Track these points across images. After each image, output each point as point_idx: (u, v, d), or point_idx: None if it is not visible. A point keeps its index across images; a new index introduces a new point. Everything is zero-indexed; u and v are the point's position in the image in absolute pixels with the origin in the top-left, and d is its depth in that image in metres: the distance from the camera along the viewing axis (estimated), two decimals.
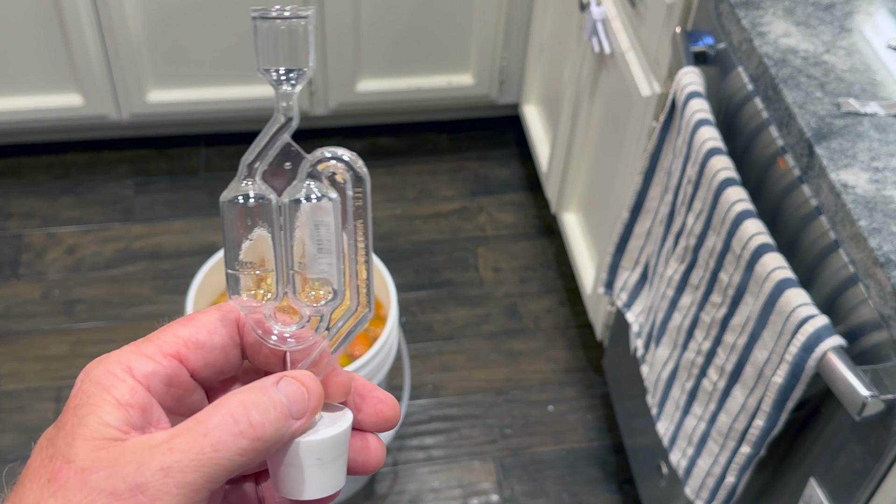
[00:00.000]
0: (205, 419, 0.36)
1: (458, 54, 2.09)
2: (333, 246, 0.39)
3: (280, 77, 0.39)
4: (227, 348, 0.40)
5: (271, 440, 0.37)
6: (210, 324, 0.40)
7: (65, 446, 0.36)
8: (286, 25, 0.38)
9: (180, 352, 0.39)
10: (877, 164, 0.97)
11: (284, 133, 0.39)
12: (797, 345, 0.93)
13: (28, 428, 1.72)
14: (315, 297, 0.40)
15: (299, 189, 0.39)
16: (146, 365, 0.38)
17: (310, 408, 0.39)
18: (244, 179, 0.39)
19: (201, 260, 1.90)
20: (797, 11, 1.15)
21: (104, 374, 0.37)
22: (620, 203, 1.51)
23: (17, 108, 2.00)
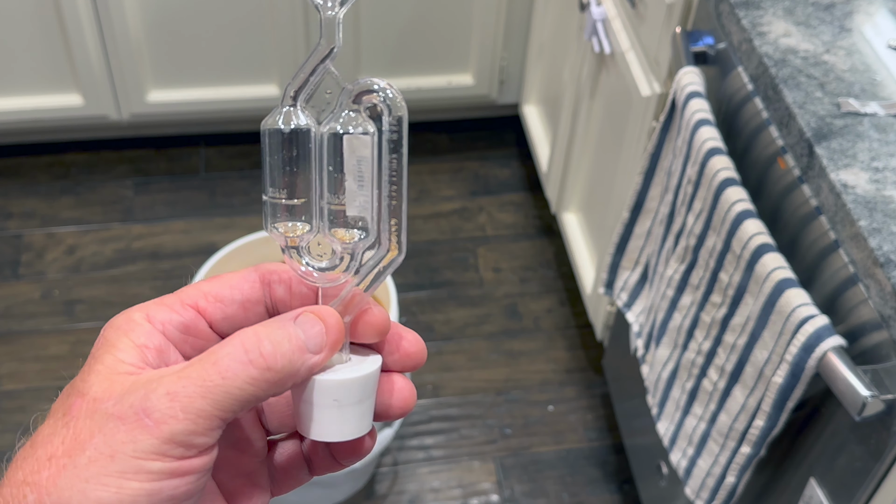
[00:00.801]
0: (216, 349, 0.36)
1: (458, 54, 2.09)
2: (368, 181, 0.38)
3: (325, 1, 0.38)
4: (247, 304, 0.40)
5: (283, 371, 0.36)
6: (233, 280, 0.40)
7: (80, 382, 0.36)
8: None
9: (199, 303, 0.39)
10: (877, 164, 0.97)
11: (327, 61, 0.39)
12: (797, 345, 0.93)
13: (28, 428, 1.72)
14: (348, 234, 0.39)
15: (338, 120, 0.38)
16: (164, 313, 0.39)
17: (328, 342, 0.38)
18: (286, 107, 0.39)
19: (201, 260, 1.90)
20: (797, 11, 1.15)
21: (124, 321, 0.38)
22: (620, 203, 1.51)
23: (17, 108, 2.00)
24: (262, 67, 2.02)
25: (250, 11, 1.93)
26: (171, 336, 0.39)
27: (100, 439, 0.34)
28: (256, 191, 2.14)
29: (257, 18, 1.94)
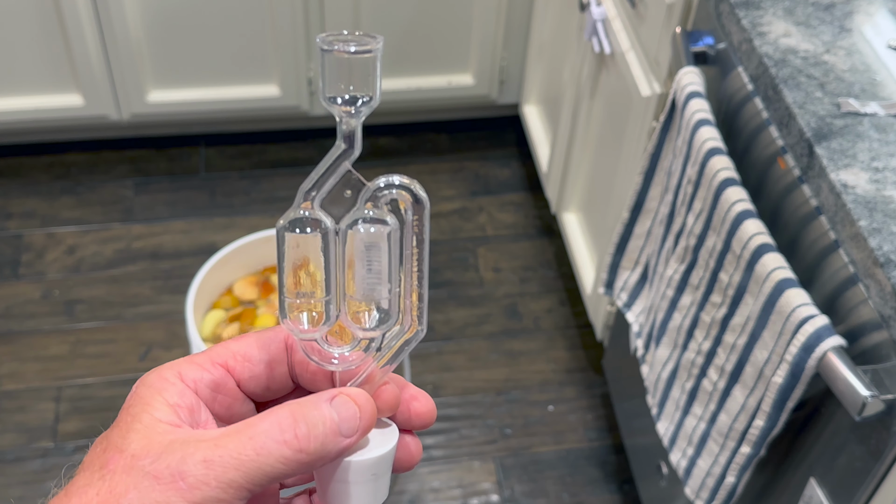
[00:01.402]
0: (254, 423, 0.37)
1: (458, 54, 2.09)
2: (385, 271, 0.39)
3: (344, 105, 0.39)
4: (272, 364, 0.42)
5: (315, 454, 0.38)
6: (260, 340, 0.42)
7: (119, 439, 0.37)
8: (353, 56, 0.38)
9: (228, 362, 0.41)
10: (877, 164, 0.97)
11: (345, 161, 0.40)
12: (797, 345, 0.93)
13: (28, 428, 1.72)
14: (366, 319, 0.40)
15: (357, 214, 0.39)
16: (195, 371, 0.40)
17: (361, 427, 0.39)
18: (300, 206, 0.40)
19: (201, 260, 1.90)
20: (797, 11, 1.15)
21: (157, 379, 0.39)
22: (620, 203, 1.51)
23: (18, 108, 2.00)
24: (262, 67, 2.02)
25: (250, 11, 1.93)
26: (202, 394, 0.40)
27: (134, 495, 0.36)
28: (256, 191, 2.14)
29: (257, 18, 1.94)
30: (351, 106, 0.39)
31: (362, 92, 0.39)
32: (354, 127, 0.39)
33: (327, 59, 0.38)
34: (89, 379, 1.79)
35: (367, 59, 0.38)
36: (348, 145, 0.39)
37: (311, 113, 2.12)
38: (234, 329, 1.55)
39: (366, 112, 0.39)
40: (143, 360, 1.82)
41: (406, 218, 0.40)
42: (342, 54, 0.38)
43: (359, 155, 0.40)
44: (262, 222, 2.05)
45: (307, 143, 2.24)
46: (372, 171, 0.42)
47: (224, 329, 1.55)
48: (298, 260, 0.40)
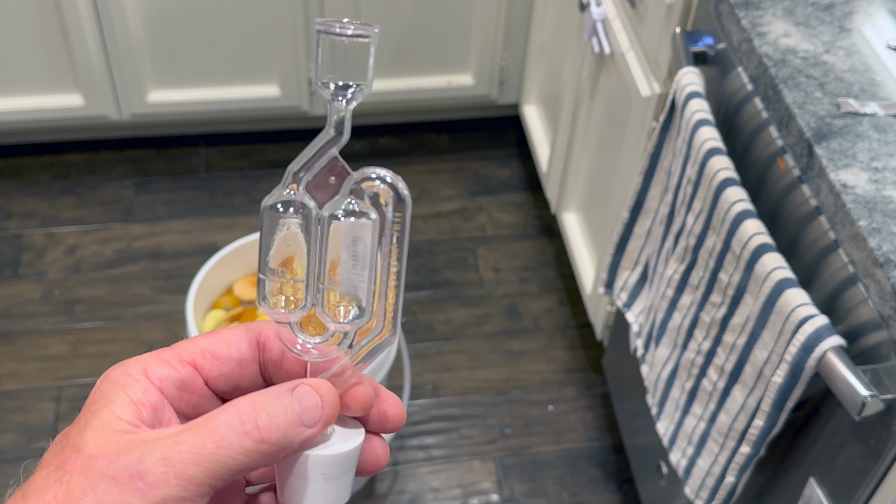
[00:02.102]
0: (213, 416, 0.37)
1: (458, 54, 2.09)
2: (367, 264, 0.39)
3: (336, 91, 0.39)
4: (243, 362, 0.41)
5: (277, 444, 0.37)
6: (230, 337, 0.41)
7: (76, 436, 0.37)
8: (349, 42, 0.38)
9: (196, 360, 0.40)
10: (876, 164, 0.97)
11: (333, 147, 0.40)
12: (797, 345, 0.93)
13: (28, 428, 1.72)
14: (342, 314, 0.40)
15: (340, 204, 0.39)
16: (161, 369, 0.39)
17: (322, 417, 0.39)
18: (287, 187, 0.40)
19: (201, 260, 1.90)
20: (797, 11, 1.15)
21: (121, 375, 0.38)
22: (620, 203, 1.51)
23: (18, 109, 2.00)
24: (262, 67, 2.02)
25: (250, 11, 1.93)
26: (168, 392, 0.39)
27: (92, 498, 0.35)
28: (256, 191, 2.14)
29: (257, 18, 1.94)
30: (343, 91, 0.39)
31: (355, 78, 0.39)
32: (345, 113, 0.39)
33: (323, 41, 0.38)
34: (89, 379, 1.79)
35: (362, 44, 0.38)
36: (337, 131, 0.39)
37: (311, 113, 2.12)
38: None
39: (357, 99, 0.39)
40: None
41: (386, 213, 0.39)
42: (338, 38, 0.38)
43: (347, 141, 0.40)
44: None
45: (307, 143, 2.23)
46: None
47: None
48: (281, 241, 0.39)
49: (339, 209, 0.39)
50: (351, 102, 0.39)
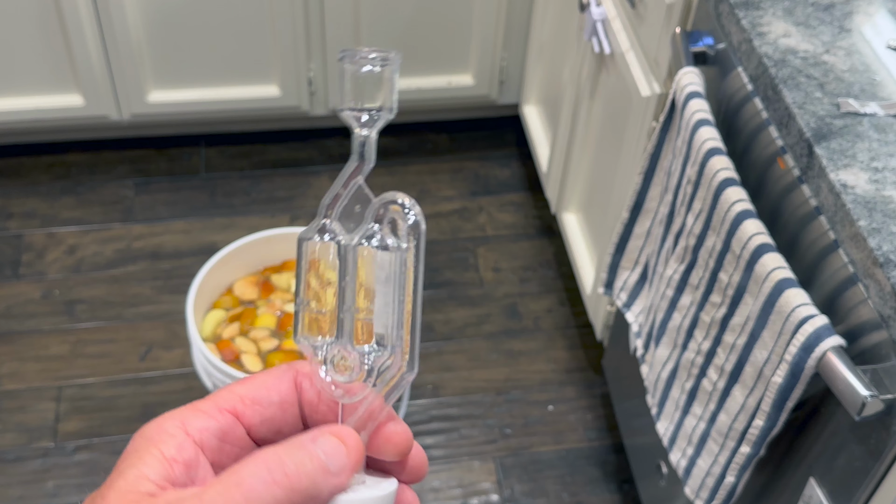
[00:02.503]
0: (238, 469, 0.35)
1: (458, 54, 2.09)
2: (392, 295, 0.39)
3: (360, 119, 0.39)
4: (284, 405, 0.39)
5: (307, 493, 0.35)
6: (268, 381, 0.39)
7: (100, 500, 0.35)
8: (370, 70, 0.39)
9: (236, 407, 0.38)
10: (876, 165, 0.97)
11: (359, 175, 0.40)
12: (797, 345, 0.93)
13: (28, 428, 1.72)
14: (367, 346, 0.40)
15: (364, 234, 0.39)
16: (200, 420, 0.37)
17: (349, 464, 0.37)
18: (320, 219, 0.40)
19: (201, 260, 1.90)
20: (797, 12, 1.15)
21: (155, 430, 0.37)
22: (620, 203, 1.51)
23: (18, 109, 2.00)
24: (262, 67, 2.02)
25: (250, 12, 1.93)
26: (208, 444, 0.37)
27: None
28: (256, 191, 2.14)
29: (257, 19, 1.94)
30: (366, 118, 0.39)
31: (377, 104, 0.39)
32: (366, 139, 0.40)
33: (346, 70, 0.39)
34: (89, 379, 1.79)
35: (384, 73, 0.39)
36: (361, 158, 0.40)
37: (311, 113, 2.12)
38: (234, 329, 1.55)
39: (380, 125, 0.39)
40: (143, 360, 1.82)
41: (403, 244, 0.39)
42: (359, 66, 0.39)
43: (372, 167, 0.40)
44: (262, 222, 2.05)
45: (307, 143, 2.24)
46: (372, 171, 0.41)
47: (224, 329, 1.56)
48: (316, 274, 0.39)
49: (363, 239, 0.39)
50: (374, 128, 0.39)
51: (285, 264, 1.65)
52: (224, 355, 1.51)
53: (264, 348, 1.54)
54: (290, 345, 1.55)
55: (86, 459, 1.69)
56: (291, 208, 2.11)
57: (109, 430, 1.72)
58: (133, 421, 1.73)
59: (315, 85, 2.06)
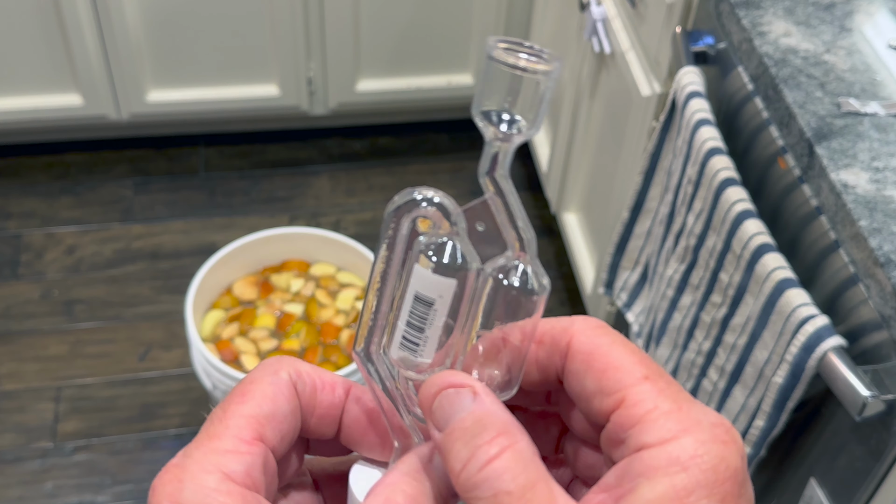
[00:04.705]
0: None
1: (458, 54, 2.09)
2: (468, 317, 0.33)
3: (500, 124, 0.32)
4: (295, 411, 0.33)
5: None
6: (267, 392, 0.33)
7: None
8: (525, 72, 0.31)
9: (259, 432, 0.32)
10: (877, 164, 0.97)
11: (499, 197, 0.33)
12: (797, 345, 0.93)
13: (27, 428, 1.72)
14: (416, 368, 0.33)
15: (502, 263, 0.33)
16: (235, 462, 0.30)
17: None
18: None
19: (201, 260, 1.90)
20: (797, 11, 1.15)
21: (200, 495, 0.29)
22: (620, 203, 1.51)
23: (17, 108, 1.99)
24: (262, 67, 2.02)
25: (250, 11, 1.93)
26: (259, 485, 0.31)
27: None
28: (256, 191, 2.14)
29: (257, 18, 1.94)
30: (507, 125, 0.32)
31: (523, 113, 0.32)
32: (505, 151, 0.33)
33: (491, 66, 0.32)
34: (89, 379, 1.79)
35: (539, 80, 0.31)
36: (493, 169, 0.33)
37: (310, 113, 2.11)
38: (233, 329, 1.55)
39: (518, 140, 0.32)
40: (142, 360, 1.82)
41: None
42: (514, 64, 0.31)
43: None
44: (261, 222, 2.05)
45: (307, 143, 2.24)
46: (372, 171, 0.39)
47: (224, 329, 1.55)
48: None
49: (499, 269, 0.33)
50: (513, 139, 0.32)
51: (285, 264, 1.65)
52: (223, 355, 1.50)
53: (263, 348, 1.54)
54: (290, 345, 1.55)
55: (85, 460, 1.69)
56: (291, 208, 2.11)
57: (108, 430, 1.72)
58: (132, 421, 1.73)
59: (315, 84, 2.06)
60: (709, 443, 0.28)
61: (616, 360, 0.31)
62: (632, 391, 0.30)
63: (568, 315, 1.55)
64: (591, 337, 0.32)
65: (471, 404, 0.30)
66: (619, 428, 0.29)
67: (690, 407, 0.29)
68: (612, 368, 0.30)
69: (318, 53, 2.01)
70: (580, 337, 0.32)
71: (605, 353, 0.31)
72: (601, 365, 0.31)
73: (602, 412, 0.30)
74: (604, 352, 0.31)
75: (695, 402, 0.30)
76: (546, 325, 0.33)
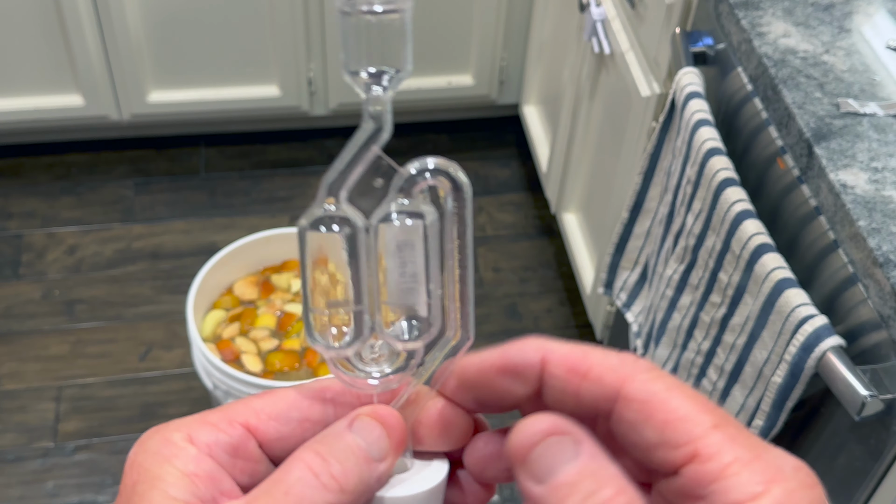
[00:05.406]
0: (282, 477, 0.31)
1: (458, 54, 2.09)
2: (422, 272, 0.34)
3: (369, 78, 0.33)
4: (305, 423, 0.35)
5: (356, 491, 0.32)
6: (289, 396, 0.35)
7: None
8: (377, 19, 0.32)
9: (249, 421, 0.34)
10: (876, 165, 0.97)
11: (374, 145, 0.33)
12: (796, 345, 0.93)
13: (28, 428, 1.72)
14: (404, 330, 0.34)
15: (389, 207, 0.33)
16: (208, 433, 0.33)
17: (393, 446, 0.34)
18: (323, 203, 0.34)
19: (201, 260, 1.90)
20: (796, 12, 1.15)
21: (162, 444, 0.32)
22: (620, 203, 1.51)
23: (18, 109, 2.00)
24: (262, 67, 2.02)
25: (250, 12, 1.93)
26: (220, 460, 0.33)
27: None
28: (256, 191, 2.14)
29: (257, 19, 1.94)
30: (378, 78, 0.33)
31: (391, 62, 0.33)
32: (384, 104, 0.33)
33: (348, 23, 0.32)
34: (89, 379, 1.79)
35: (395, 20, 0.32)
36: (377, 126, 0.33)
37: (311, 113, 2.12)
38: (234, 329, 1.55)
39: (395, 86, 0.33)
40: (143, 360, 1.83)
41: (446, 207, 0.34)
42: (366, 16, 0.32)
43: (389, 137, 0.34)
44: (262, 222, 2.05)
45: (307, 144, 2.24)
46: None
47: (224, 329, 1.56)
48: (324, 265, 0.34)
49: (386, 213, 0.33)
50: (389, 90, 0.33)
51: (285, 264, 1.65)
52: (224, 355, 1.51)
53: (264, 348, 1.54)
54: (291, 344, 1.55)
55: (86, 459, 1.69)
56: (291, 208, 2.11)
57: (109, 430, 1.72)
58: (133, 421, 1.73)
59: (315, 85, 2.06)
60: (797, 491, 0.28)
61: (678, 408, 0.29)
62: (703, 443, 0.28)
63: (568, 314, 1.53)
64: (645, 383, 0.30)
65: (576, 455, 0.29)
66: (696, 484, 0.28)
67: (767, 453, 0.28)
68: (677, 419, 0.29)
69: (319, 54, 2.01)
70: (634, 384, 0.30)
71: (663, 400, 0.29)
72: (662, 415, 0.29)
73: (668, 464, 0.29)
74: (662, 399, 0.29)
75: (768, 447, 0.29)
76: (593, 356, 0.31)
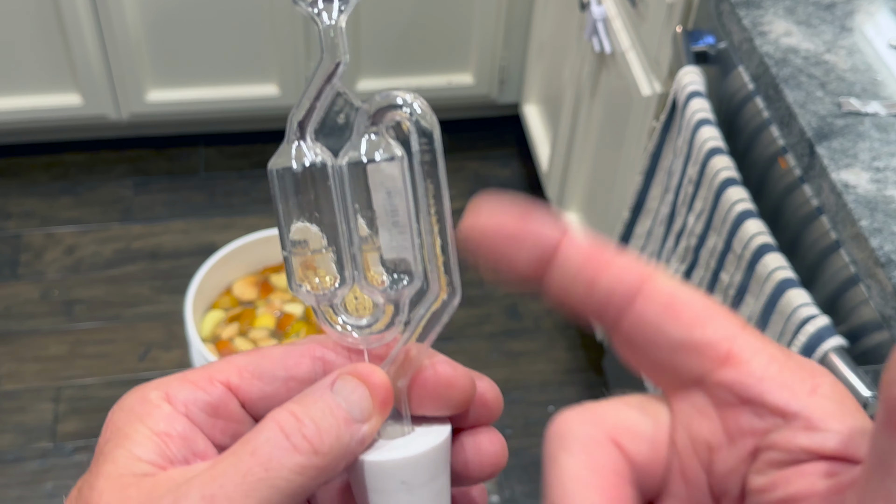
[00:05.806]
0: (251, 438, 0.30)
1: (458, 54, 2.09)
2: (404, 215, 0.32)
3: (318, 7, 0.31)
4: (291, 382, 0.33)
5: (332, 453, 0.30)
6: (275, 354, 0.33)
7: (88, 490, 0.30)
8: None
9: (230, 379, 0.32)
10: (878, 164, 0.97)
11: (334, 79, 0.32)
12: (798, 345, 0.93)
13: (27, 428, 1.72)
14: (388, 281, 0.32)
15: (357, 147, 0.31)
16: (186, 391, 0.32)
17: (375, 405, 0.32)
18: (294, 141, 0.33)
19: (201, 260, 1.90)
20: (798, 11, 1.15)
21: (137, 402, 0.31)
22: (621, 203, 1.51)
23: (16, 108, 1.99)
24: (262, 67, 2.02)
25: (250, 11, 1.93)
26: (197, 420, 0.32)
27: None
28: (256, 191, 2.14)
29: (257, 18, 1.94)
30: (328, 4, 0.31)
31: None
32: (337, 30, 0.31)
33: None
34: (88, 379, 1.79)
35: None
36: (334, 57, 0.32)
37: None
38: (233, 329, 1.55)
39: (347, 10, 0.31)
40: (142, 360, 1.82)
41: (412, 146, 0.31)
42: None
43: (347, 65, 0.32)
44: (261, 222, 2.05)
45: None
46: None
47: (223, 329, 1.55)
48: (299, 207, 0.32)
49: (358, 153, 0.31)
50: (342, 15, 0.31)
51: None
52: (223, 355, 1.50)
53: None
54: None
55: (85, 460, 1.68)
56: None
57: None
58: None
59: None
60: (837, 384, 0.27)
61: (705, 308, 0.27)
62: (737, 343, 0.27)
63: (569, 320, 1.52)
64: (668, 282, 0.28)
65: None
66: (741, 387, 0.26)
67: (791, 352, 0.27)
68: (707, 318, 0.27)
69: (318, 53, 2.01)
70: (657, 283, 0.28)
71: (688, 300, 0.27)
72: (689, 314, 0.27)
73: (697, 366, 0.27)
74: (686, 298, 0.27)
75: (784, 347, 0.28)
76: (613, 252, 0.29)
